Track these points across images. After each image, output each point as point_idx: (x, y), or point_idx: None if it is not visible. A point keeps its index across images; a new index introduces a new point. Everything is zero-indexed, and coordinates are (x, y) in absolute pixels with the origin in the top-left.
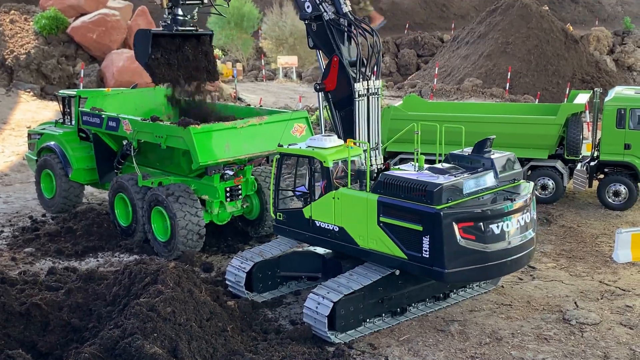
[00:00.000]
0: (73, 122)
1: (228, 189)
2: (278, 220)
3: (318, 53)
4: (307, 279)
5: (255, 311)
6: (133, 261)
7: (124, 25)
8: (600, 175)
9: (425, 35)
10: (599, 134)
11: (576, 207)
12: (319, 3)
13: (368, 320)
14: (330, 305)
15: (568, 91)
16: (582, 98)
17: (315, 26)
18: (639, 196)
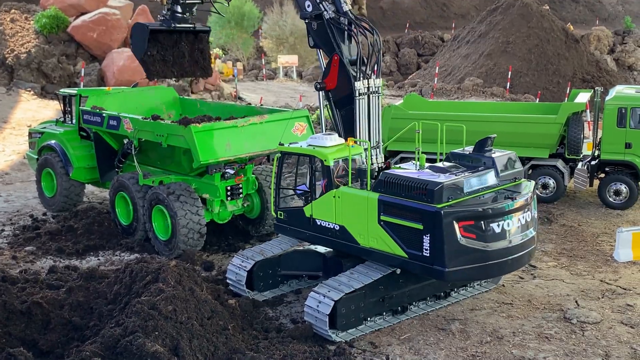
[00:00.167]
0: (74, 121)
1: (229, 188)
2: (279, 219)
3: (318, 52)
4: (308, 277)
5: (256, 310)
6: (134, 260)
7: (124, 24)
8: (601, 175)
9: (425, 34)
10: (599, 133)
11: (577, 206)
12: (319, 2)
13: (369, 318)
14: (331, 303)
15: (569, 90)
16: (583, 97)
17: (315, 25)
18: (639, 195)
